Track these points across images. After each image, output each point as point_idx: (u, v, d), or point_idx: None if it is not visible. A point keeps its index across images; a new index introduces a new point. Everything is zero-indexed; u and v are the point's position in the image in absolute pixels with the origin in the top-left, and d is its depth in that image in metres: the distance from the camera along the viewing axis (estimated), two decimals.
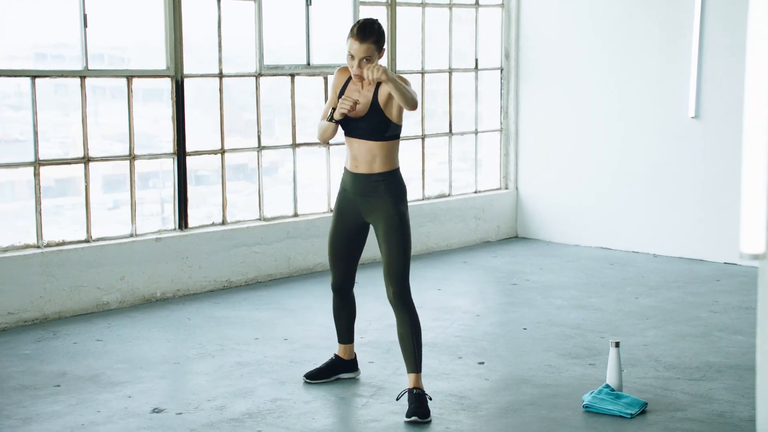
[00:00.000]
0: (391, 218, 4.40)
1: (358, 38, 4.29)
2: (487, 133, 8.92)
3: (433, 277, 7.27)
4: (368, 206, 4.47)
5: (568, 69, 8.52)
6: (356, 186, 4.47)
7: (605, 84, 8.30)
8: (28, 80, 5.93)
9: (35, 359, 5.23)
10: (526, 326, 5.90)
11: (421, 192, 8.26)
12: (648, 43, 8.01)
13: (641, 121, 8.11)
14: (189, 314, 6.17)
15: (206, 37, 6.80)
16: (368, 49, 4.30)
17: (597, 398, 4.43)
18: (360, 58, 4.30)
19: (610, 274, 7.43)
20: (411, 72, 8.14)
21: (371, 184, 4.42)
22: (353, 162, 4.46)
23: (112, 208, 8.91)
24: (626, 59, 8.17)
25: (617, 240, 8.37)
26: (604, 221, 8.42)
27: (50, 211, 7.24)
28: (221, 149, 6.86)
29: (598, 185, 8.44)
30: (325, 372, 4.82)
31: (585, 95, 8.45)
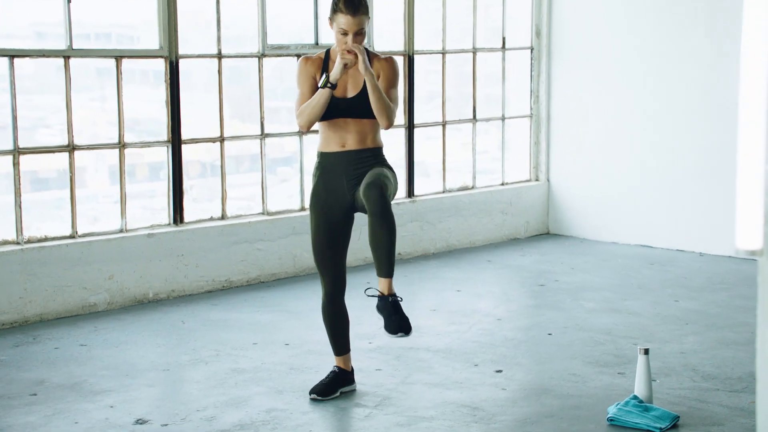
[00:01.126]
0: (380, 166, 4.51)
1: (350, 11, 4.37)
2: (515, 119, 8.85)
3: (453, 278, 7.22)
4: (356, 180, 4.50)
5: (605, 48, 8.42)
6: (344, 165, 4.53)
7: (647, 65, 8.20)
8: (6, 60, 5.94)
9: (11, 366, 5.24)
10: (551, 331, 5.84)
11: (441, 184, 8.21)
12: (693, 19, 7.90)
13: (687, 107, 8.00)
14: (183, 317, 6.16)
15: (203, 13, 6.79)
16: (360, 21, 4.41)
17: (623, 410, 4.36)
18: (354, 32, 4.39)
19: (649, 274, 7.34)
20: (431, 52, 8.09)
21: (361, 159, 4.53)
22: (340, 141, 4.54)
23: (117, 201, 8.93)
24: (669, 37, 8.06)
25: (659, 237, 8.27)
26: (644, 216, 8.33)
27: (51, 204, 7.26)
28: (220, 137, 6.85)
29: (638, 177, 8.35)
30: (330, 387, 4.76)
31: (624, 77, 8.35)
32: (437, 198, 8.07)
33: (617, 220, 8.49)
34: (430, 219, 7.96)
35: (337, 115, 4.50)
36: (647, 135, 8.25)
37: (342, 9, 4.37)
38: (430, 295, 6.74)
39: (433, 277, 7.25)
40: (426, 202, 7.98)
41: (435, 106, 8.20)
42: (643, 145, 8.28)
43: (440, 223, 8.06)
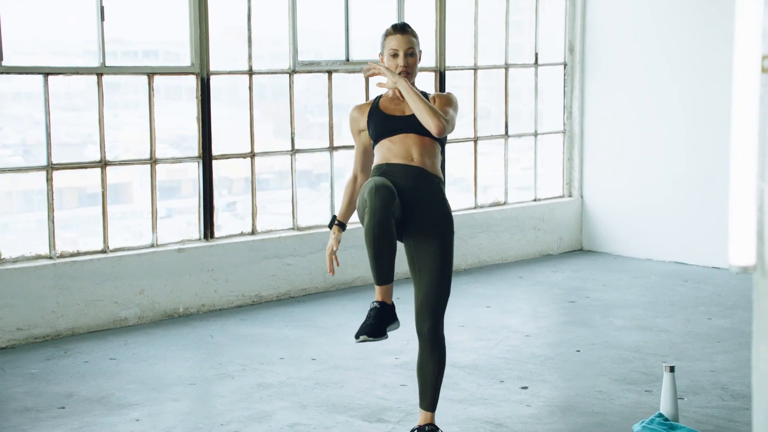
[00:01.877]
0: (445, 235, 4.15)
1: (398, 31, 4.17)
2: (548, 135, 8.83)
3: (483, 294, 7.20)
4: (419, 206, 4.09)
5: (638, 64, 8.38)
6: (408, 180, 4.08)
7: (680, 80, 8.14)
8: (40, 78, 6.03)
9: (42, 379, 5.31)
10: (580, 348, 5.80)
11: (473, 200, 8.20)
12: (725, 35, 7.83)
13: (720, 122, 7.92)
14: (212, 331, 6.20)
15: (235, 30, 6.86)
16: (410, 40, 4.16)
17: (648, 428, 4.32)
18: (405, 51, 4.13)
19: (682, 291, 7.27)
20: (462, 68, 8.10)
21: (428, 183, 4.11)
22: (404, 155, 4.13)
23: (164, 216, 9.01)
24: (702, 53, 8.00)
25: (694, 254, 8.19)
26: (679, 233, 8.25)
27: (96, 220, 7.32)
28: (251, 153, 6.90)
29: (672, 193, 8.28)
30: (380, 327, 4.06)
31: (657, 93, 8.30)
32: (469, 214, 8.06)
33: (651, 236, 8.42)
34: (461, 235, 7.94)
35: (399, 130, 4.16)
36: (681, 150, 8.19)
37: (390, 31, 4.19)
38: (459, 311, 6.72)
39: (463, 293, 7.23)
40: (458, 217, 7.95)
41: (466, 123, 8.20)
42: (677, 160, 8.22)
43: (472, 239, 8.04)
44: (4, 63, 5.87)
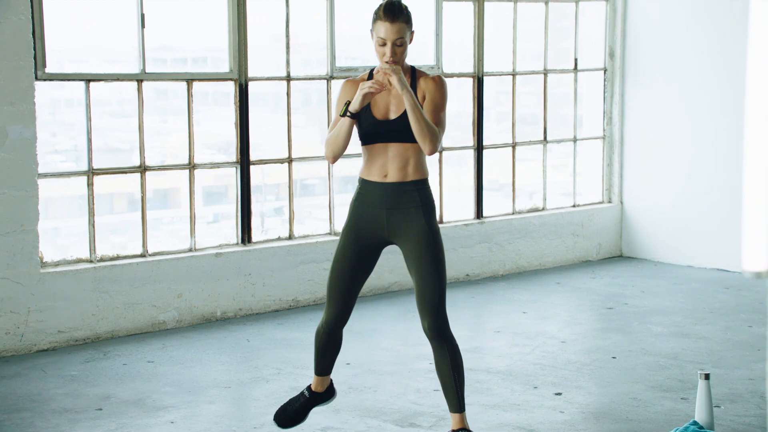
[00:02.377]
0: (426, 235, 4.15)
1: (388, 18, 4.02)
2: (587, 140, 8.78)
3: (520, 300, 7.18)
4: (396, 220, 4.17)
5: (681, 69, 8.31)
6: (384, 197, 4.16)
7: (724, 86, 8.06)
8: (82, 84, 6.13)
9: (81, 381, 5.38)
10: (616, 355, 5.76)
11: (511, 206, 8.18)
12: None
13: None
14: (249, 335, 6.25)
15: (273, 37, 6.91)
16: (400, 29, 4.03)
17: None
18: (393, 41, 4.03)
19: (723, 299, 7.20)
20: (501, 74, 8.09)
21: (403, 194, 4.16)
22: (381, 171, 4.16)
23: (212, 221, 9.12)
24: (745, 58, 7.91)
25: (736, 261, 8.09)
26: (720, 239, 8.16)
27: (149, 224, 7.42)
28: (288, 158, 6.95)
29: (714, 199, 8.19)
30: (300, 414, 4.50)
31: (699, 98, 8.22)
32: (506, 219, 8.04)
33: (693, 243, 8.34)
34: (499, 240, 7.93)
35: (378, 139, 4.14)
36: (722, 156, 8.10)
37: (381, 15, 4.04)
38: (495, 317, 6.71)
39: (500, 298, 7.22)
40: (495, 223, 7.96)
41: (505, 129, 8.19)
42: (719, 166, 8.13)
43: (509, 245, 8.02)
44: (48, 70, 5.96)
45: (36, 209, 5.91)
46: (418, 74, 4.22)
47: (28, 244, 5.88)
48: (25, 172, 5.85)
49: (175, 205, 9.33)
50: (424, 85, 4.17)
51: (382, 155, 4.16)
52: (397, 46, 4.05)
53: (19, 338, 5.85)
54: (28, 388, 5.24)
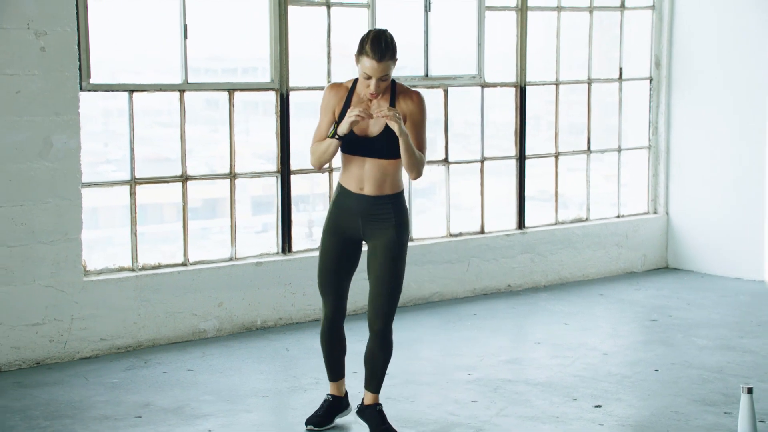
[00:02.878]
0: (391, 245, 4.49)
1: (375, 57, 4.26)
2: (632, 150, 8.70)
3: (562, 311, 7.12)
4: (369, 227, 4.51)
5: (729, 78, 8.19)
6: (359, 208, 4.49)
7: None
8: (125, 94, 6.19)
9: (121, 388, 5.42)
10: (658, 367, 5.69)
11: (554, 216, 8.12)
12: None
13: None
14: (288, 345, 6.26)
15: (314, 47, 6.94)
16: (386, 66, 4.29)
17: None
18: (378, 78, 4.29)
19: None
20: (543, 83, 8.04)
21: (378, 207, 4.47)
22: (357, 183, 4.46)
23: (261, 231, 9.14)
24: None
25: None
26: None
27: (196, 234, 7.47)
28: (329, 168, 6.96)
29: (762, 210, 8.06)
30: (327, 417, 4.79)
31: (748, 108, 8.10)
32: (549, 230, 7.98)
33: (741, 254, 8.21)
34: (541, 251, 7.88)
35: (357, 153, 4.41)
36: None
37: (368, 53, 4.26)
38: (536, 328, 6.66)
39: (542, 309, 7.16)
40: (537, 233, 7.90)
41: (547, 138, 8.14)
42: (767, 177, 8.01)
43: (552, 255, 7.96)
44: (92, 80, 6.04)
45: (80, 218, 5.98)
46: (398, 89, 4.45)
47: (72, 253, 5.95)
48: (70, 181, 5.92)
49: (224, 214, 9.38)
50: (404, 104, 4.43)
51: (359, 168, 4.44)
52: (381, 81, 4.32)
53: (62, 346, 5.92)
54: (70, 395, 5.30)
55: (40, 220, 5.82)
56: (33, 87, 5.75)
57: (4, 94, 5.66)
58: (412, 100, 4.43)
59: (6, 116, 5.68)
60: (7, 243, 5.71)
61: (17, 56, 5.68)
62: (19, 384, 5.47)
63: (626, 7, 8.51)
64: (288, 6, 6.67)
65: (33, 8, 5.70)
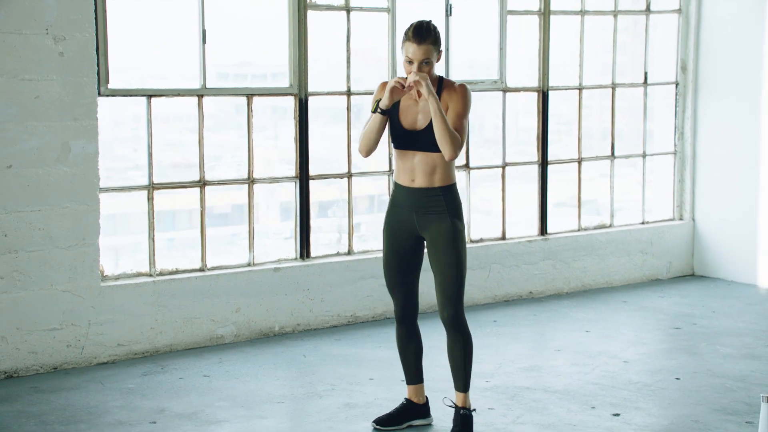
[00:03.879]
0: (448, 232, 4.54)
1: (416, 40, 4.41)
2: (657, 156, 8.64)
3: (584, 318, 7.08)
4: (424, 221, 4.59)
5: (756, 83, 8.12)
6: (412, 201, 4.58)
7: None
8: (144, 99, 6.23)
9: (137, 394, 5.45)
10: (680, 376, 5.64)
11: (576, 222, 8.08)
12: None
13: None
14: (306, 351, 6.27)
15: (333, 52, 6.95)
16: (427, 50, 4.42)
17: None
18: (419, 61, 4.40)
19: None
20: (566, 88, 8.01)
21: (430, 199, 4.55)
22: (409, 176, 4.57)
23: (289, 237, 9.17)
24: None
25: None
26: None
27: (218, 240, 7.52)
28: (348, 173, 6.97)
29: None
30: (396, 418, 4.85)
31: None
32: (572, 236, 7.94)
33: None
34: (563, 258, 7.84)
35: (406, 147, 4.54)
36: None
37: (410, 36, 4.43)
38: (557, 335, 6.62)
39: (563, 316, 7.13)
40: (559, 240, 7.87)
41: (569, 143, 8.11)
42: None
43: (575, 262, 7.92)
44: (111, 86, 6.08)
45: (97, 223, 6.02)
46: (444, 84, 4.58)
47: (90, 258, 5.99)
48: (87, 186, 5.97)
49: (254, 219, 9.42)
50: (447, 94, 4.54)
51: (410, 161, 4.57)
52: (423, 65, 4.44)
53: (79, 351, 5.96)
54: (86, 401, 5.33)
55: (57, 225, 5.86)
56: (51, 92, 5.80)
57: (23, 99, 5.71)
58: (455, 90, 4.53)
59: (25, 121, 5.74)
60: (25, 248, 5.77)
61: (36, 61, 5.74)
62: (35, 389, 5.51)
63: (652, 11, 8.46)
64: (307, 11, 6.69)
65: (52, 14, 5.76)
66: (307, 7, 6.69)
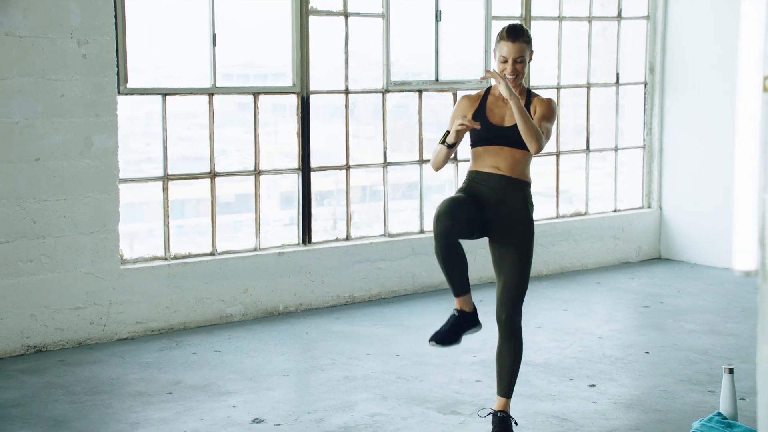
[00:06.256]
0: (525, 235, 4.25)
1: (510, 38, 4.17)
2: (627, 149, 8.71)
3: (562, 298, 7.15)
4: (501, 207, 4.19)
5: (717, 83, 8.19)
6: (497, 185, 4.18)
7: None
8: (159, 98, 6.26)
9: (155, 367, 5.50)
10: (649, 350, 5.71)
11: (555, 210, 8.15)
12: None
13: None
14: (308, 328, 6.32)
15: (333, 53, 6.98)
16: (521, 48, 4.18)
17: (707, 426, 4.23)
18: (513, 59, 4.17)
19: (755, 299, 7.07)
20: (546, 87, 8.06)
21: (514, 188, 4.19)
22: (493, 165, 4.20)
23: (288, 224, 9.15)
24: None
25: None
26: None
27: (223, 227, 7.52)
28: (346, 165, 7.01)
29: (749, 204, 8.05)
30: (452, 333, 4.25)
31: (734, 111, 8.10)
32: (550, 223, 8.01)
33: (728, 245, 8.19)
34: (543, 242, 7.90)
35: (493, 142, 4.21)
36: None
37: (504, 36, 4.19)
38: (537, 313, 6.69)
39: (543, 296, 7.19)
40: (539, 227, 7.84)
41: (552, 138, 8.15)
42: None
43: (553, 247, 7.99)
44: (129, 85, 6.10)
45: (117, 211, 6.05)
46: (532, 95, 4.32)
47: (110, 243, 6.02)
48: (108, 177, 5.99)
49: (259, 208, 9.47)
50: (536, 103, 4.26)
51: (495, 154, 4.21)
52: (517, 63, 4.18)
53: (101, 328, 6.00)
54: (108, 373, 5.37)
55: (81, 213, 5.89)
56: (75, 91, 5.82)
57: (50, 97, 5.73)
58: (542, 101, 4.26)
59: (51, 118, 5.76)
60: (52, 234, 5.79)
61: (61, 63, 5.75)
62: (62, 362, 5.55)
63: (623, 17, 8.51)
64: (309, 16, 6.71)
65: (76, 19, 5.77)
66: (308, 12, 6.72)
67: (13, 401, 4.89)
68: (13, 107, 5.63)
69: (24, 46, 5.63)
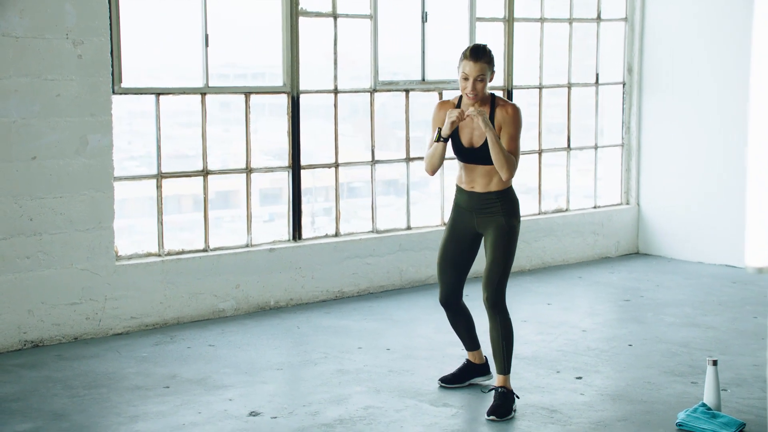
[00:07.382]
0: (501, 228, 4.51)
1: (472, 58, 4.36)
2: (607, 147, 8.73)
3: (545, 292, 7.15)
4: (482, 219, 4.57)
5: (694, 83, 8.23)
6: (471, 203, 4.57)
7: (732, 98, 7.97)
8: (152, 97, 6.20)
9: (150, 361, 5.45)
10: (632, 343, 5.73)
11: (537, 207, 8.15)
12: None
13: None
14: (299, 323, 6.29)
15: (322, 53, 6.95)
16: (482, 68, 4.37)
17: (691, 416, 4.25)
18: (474, 78, 4.36)
19: (731, 292, 7.12)
20: (528, 87, 8.06)
21: (487, 202, 4.53)
22: (468, 182, 4.56)
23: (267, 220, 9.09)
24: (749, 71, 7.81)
25: (743, 257, 7.98)
26: (729, 238, 8.07)
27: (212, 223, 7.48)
28: (335, 163, 6.98)
29: (724, 201, 8.10)
30: (458, 377, 4.87)
31: (711, 110, 8.14)
32: (533, 219, 8.01)
33: (703, 241, 8.25)
34: (526, 238, 7.90)
35: (468, 161, 4.52)
36: (731, 161, 8.01)
37: (467, 55, 4.38)
38: (522, 308, 6.69)
39: (526, 291, 7.20)
40: (522, 223, 7.92)
41: (532, 137, 8.16)
42: (728, 171, 8.04)
43: (536, 242, 8.00)
44: (123, 85, 6.04)
45: (112, 208, 6.00)
46: (497, 102, 4.50)
47: (105, 240, 5.96)
48: (103, 175, 5.93)
49: (235, 205, 9.41)
50: (500, 115, 4.45)
51: (470, 172, 4.56)
52: (477, 81, 4.38)
53: (97, 323, 5.95)
54: (105, 367, 5.32)
55: (77, 210, 5.83)
56: (71, 91, 5.76)
57: (46, 97, 5.67)
58: (507, 111, 4.44)
59: (47, 117, 5.69)
60: (48, 231, 5.73)
61: (57, 63, 5.69)
62: (60, 357, 5.50)
63: (602, 19, 8.53)
64: (299, 17, 6.68)
65: (71, 20, 5.71)
66: (298, 13, 6.68)
67: (12, 395, 4.83)
68: (10, 107, 5.57)
69: (20, 47, 5.57)
